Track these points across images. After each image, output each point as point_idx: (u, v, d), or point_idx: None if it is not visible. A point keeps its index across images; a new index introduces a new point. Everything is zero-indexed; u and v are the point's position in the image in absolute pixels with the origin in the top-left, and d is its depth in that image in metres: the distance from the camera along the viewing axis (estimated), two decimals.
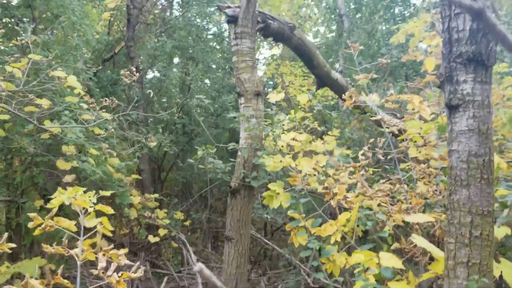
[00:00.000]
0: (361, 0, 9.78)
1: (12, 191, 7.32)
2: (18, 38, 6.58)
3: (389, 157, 4.24)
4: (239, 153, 4.78)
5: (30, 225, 2.47)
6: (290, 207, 5.28)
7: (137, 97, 9.77)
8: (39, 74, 6.37)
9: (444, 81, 2.50)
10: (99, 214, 2.71)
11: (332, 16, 10.91)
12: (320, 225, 3.55)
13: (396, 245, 3.53)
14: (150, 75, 11.33)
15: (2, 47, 7.27)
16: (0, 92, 5.32)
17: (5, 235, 2.62)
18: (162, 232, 8.37)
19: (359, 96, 4.15)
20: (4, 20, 7.32)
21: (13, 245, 2.59)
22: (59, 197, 2.46)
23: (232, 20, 4.99)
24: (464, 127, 2.39)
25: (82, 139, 6.66)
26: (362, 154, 3.83)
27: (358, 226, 3.55)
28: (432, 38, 3.81)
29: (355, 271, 2.98)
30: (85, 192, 2.57)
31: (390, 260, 2.84)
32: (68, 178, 7.09)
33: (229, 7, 5.01)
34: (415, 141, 4.01)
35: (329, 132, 5.09)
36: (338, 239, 3.32)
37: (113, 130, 7.12)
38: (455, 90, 2.43)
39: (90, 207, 2.49)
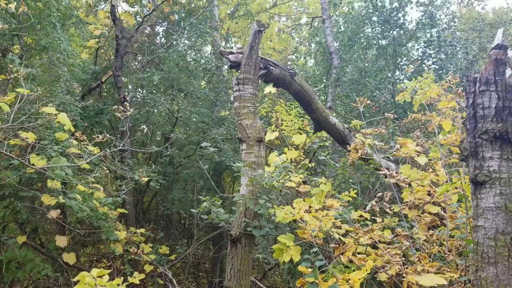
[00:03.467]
0: (354, 37, 10.02)
1: None
2: (7, 71, 6.42)
3: (393, 209, 4.25)
4: (239, 201, 4.69)
5: None
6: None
7: (122, 127, 9.63)
8: (29, 109, 6.21)
9: (468, 155, 2.51)
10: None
11: (322, 51, 11.11)
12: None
13: None
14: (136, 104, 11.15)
15: None
16: None
17: None
18: (148, 268, 8.15)
19: (364, 149, 4.15)
20: None
21: None
22: (83, 282, 2.32)
23: (235, 65, 4.99)
24: (491, 204, 2.40)
25: (69, 175, 6.48)
26: (370, 209, 3.82)
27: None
28: (450, 101, 3.87)
29: None
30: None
31: None
32: (53, 213, 6.86)
33: (231, 53, 5.01)
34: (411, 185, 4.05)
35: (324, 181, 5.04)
36: None
37: (103, 166, 6.98)
38: (481, 166, 2.44)
39: None
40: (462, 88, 3.93)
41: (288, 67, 5.32)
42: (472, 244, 2.67)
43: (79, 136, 6.07)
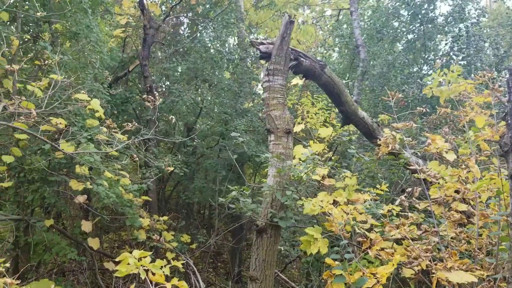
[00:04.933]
0: (382, 29, 9.90)
1: (22, 209, 7.22)
2: (41, 58, 6.54)
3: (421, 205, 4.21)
4: (266, 191, 4.72)
5: None
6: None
7: (150, 116, 9.76)
8: (61, 96, 6.33)
9: (508, 151, 2.48)
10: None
11: (346, 44, 11.04)
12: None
13: None
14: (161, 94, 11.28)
15: (24, 66, 7.18)
16: (20, 112, 5.23)
17: None
18: (169, 256, 8.27)
19: (395, 143, 4.12)
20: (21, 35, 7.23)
21: None
22: (126, 265, 2.36)
23: (265, 56, 4.99)
24: None
25: (97, 161, 6.57)
26: (399, 204, 3.81)
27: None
28: (486, 96, 3.80)
29: None
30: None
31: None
32: (80, 198, 7.00)
33: (262, 43, 5.01)
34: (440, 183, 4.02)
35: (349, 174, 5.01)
36: None
37: (130, 153, 7.08)
38: None
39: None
40: (498, 83, 3.87)
41: (318, 58, 5.30)
42: (508, 242, 2.64)
43: (109, 123, 6.17)
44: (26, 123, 5.15)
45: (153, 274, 2.31)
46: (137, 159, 6.67)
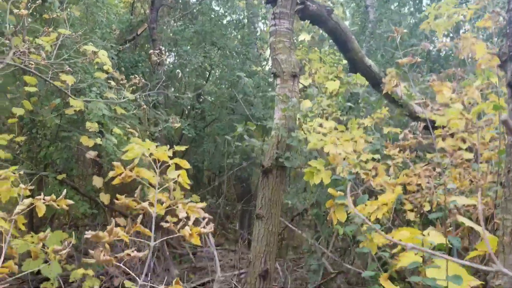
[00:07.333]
0: None
1: (35, 165, 7.39)
2: (49, 12, 6.60)
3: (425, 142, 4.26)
4: (272, 133, 4.80)
5: (111, 173, 2.52)
6: (320, 187, 5.32)
7: (158, 79, 9.83)
8: (68, 49, 6.40)
9: (507, 60, 2.51)
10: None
11: (355, 6, 10.96)
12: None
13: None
14: (170, 58, 11.33)
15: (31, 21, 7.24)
16: (30, 64, 5.31)
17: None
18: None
19: (399, 80, 4.16)
20: None
21: (71, 201, 2.65)
22: (133, 149, 2.49)
23: (271, 1, 5.00)
24: None
25: (106, 116, 6.67)
26: (403, 138, 3.87)
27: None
28: (487, 20, 3.80)
29: (394, 250, 3.01)
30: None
31: (437, 238, 2.87)
32: (91, 153, 7.12)
33: None
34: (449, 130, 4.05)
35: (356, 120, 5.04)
36: (380, 216, 3.35)
37: (141, 109, 7.17)
38: None
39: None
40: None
41: (325, 4, 5.30)
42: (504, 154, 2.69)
43: (117, 75, 6.24)
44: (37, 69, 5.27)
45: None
46: (144, 108, 6.72)
